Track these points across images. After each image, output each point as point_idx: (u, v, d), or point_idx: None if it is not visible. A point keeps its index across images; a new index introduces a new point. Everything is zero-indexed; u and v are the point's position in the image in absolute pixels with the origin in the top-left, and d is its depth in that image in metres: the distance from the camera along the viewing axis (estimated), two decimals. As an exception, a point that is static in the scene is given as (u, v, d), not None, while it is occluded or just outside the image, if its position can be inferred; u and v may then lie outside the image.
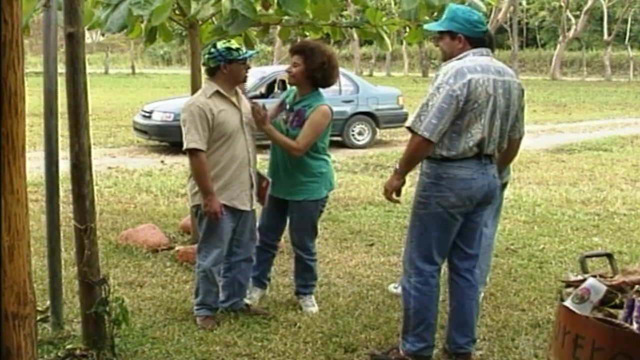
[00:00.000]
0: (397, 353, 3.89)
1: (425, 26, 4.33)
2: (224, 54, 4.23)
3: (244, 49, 4.33)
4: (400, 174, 3.76)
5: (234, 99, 4.31)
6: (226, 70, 4.25)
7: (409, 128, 3.62)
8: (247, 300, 4.65)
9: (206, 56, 4.28)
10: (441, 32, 3.82)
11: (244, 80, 4.38)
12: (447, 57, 3.79)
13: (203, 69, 4.51)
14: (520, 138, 3.98)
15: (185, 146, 4.21)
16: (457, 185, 3.66)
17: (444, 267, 3.99)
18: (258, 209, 4.60)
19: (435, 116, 3.53)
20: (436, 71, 3.90)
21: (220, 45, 4.27)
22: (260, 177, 4.45)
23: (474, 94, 3.56)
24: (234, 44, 4.32)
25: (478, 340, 4.17)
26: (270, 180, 4.42)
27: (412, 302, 3.81)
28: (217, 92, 4.26)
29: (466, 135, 3.62)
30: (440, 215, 3.70)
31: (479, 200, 3.75)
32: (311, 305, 4.67)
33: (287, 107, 4.51)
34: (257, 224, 4.62)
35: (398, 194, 3.83)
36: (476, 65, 3.63)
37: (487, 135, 3.66)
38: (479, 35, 3.76)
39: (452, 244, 3.88)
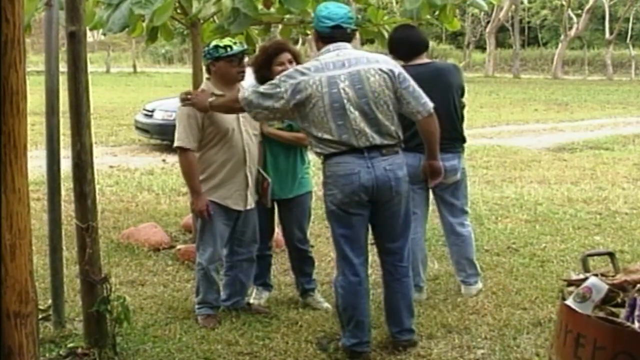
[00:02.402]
0: (337, 344, 3.98)
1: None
2: (211, 52, 4.25)
3: (232, 47, 4.24)
4: (211, 105, 4.05)
5: None
6: (214, 67, 4.27)
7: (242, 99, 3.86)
8: (252, 300, 4.66)
9: (202, 55, 4.33)
10: None
11: (239, 79, 4.33)
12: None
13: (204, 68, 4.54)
14: (428, 117, 3.86)
15: (174, 144, 4.28)
16: (339, 181, 3.75)
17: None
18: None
19: (258, 97, 3.80)
20: None
21: (212, 43, 4.30)
22: (261, 177, 4.45)
23: (301, 95, 3.71)
24: (224, 41, 4.30)
25: (479, 339, 4.18)
26: (270, 180, 4.43)
27: (339, 300, 3.93)
28: (212, 92, 4.24)
29: (320, 135, 3.74)
30: (335, 212, 3.83)
31: (370, 195, 3.77)
32: (323, 301, 4.68)
33: None
34: None
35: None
36: (312, 65, 3.77)
37: (344, 131, 3.70)
38: (325, 30, 3.83)
39: (374, 239, 4.04)
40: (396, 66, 3.88)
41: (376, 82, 3.74)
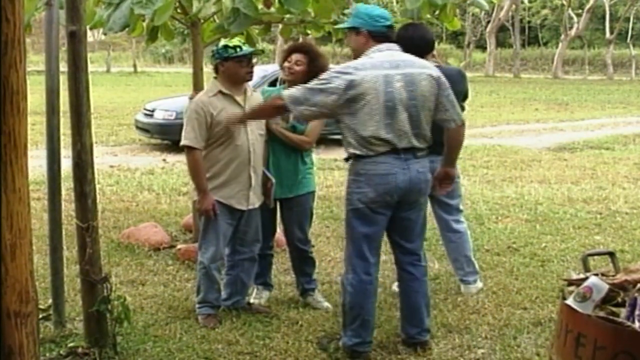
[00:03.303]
0: (337, 343, 3.97)
1: (336, 26, 4.50)
2: (220, 52, 4.26)
3: (242, 48, 4.30)
4: (246, 116, 4.09)
5: (238, 98, 4.31)
6: (223, 68, 4.28)
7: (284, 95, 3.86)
8: (252, 299, 4.66)
9: (210, 55, 4.33)
10: (348, 30, 3.94)
11: (247, 79, 4.37)
12: (355, 54, 3.88)
13: (209, 67, 4.54)
14: (461, 126, 3.95)
15: (181, 143, 4.28)
16: (375, 180, 3.74)
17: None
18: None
19: (306, 92, 3.75)
20: None
21: (221, 43, 4.31)
22: (265, 177, 4.45)
23: (355, 91, 3.66)
24: (233, 42, 4.34)
25: (480, 339, 4.18)
26: (274, 180, 4.43)
27: (347, 298, 3.90)
28: (220, 91, 4.28)
29: (365, 133, 3.71)
30: (362, 211, 3.80)
31: (401, 196, 3.79)
32: (323, 301, 4.69)
33: None
34: None
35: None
36: (367, 62, 3.74)
37: (391, 130, 3.70)
38: (382, 30, 3.84)
39: (391, 239, 4.01)
40: (440, 73, 3.91)
41: (426, 86, 3.78)
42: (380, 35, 3.83)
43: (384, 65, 3.73)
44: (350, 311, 3.90)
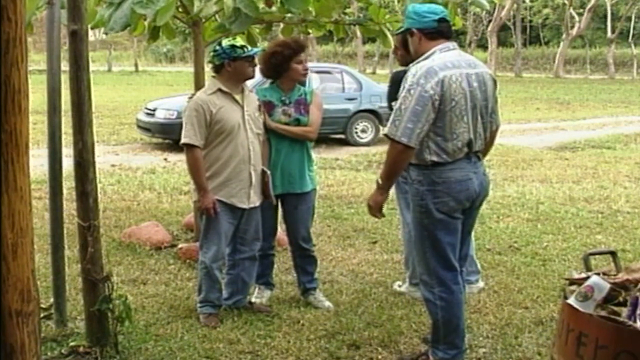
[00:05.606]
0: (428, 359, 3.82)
1: (396, 33, 4.41)
2: (228, 52, 4.27)
3: (249, 47, 4.35)
4: (384, 188, 3.59)
5: (237, 97, 4.33)
6: (230, 67, 4.29)
7: (386, 135, 3.51)
8: (254, 298, 4.67)
9: (212, 54, 4.34)
10: (406, 33, 3.72)
11: (252, 76, 4.39)
12: (413, 56, 3.66)
13: (209, 66, 4.55)
14: (497, 129, 3.86)
15: (181, 141, 4.29)
16: (454, 188, 3.54)
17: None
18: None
19: (410, 120, 3.38)
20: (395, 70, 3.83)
21: (225, 43, 4.32)
22: (262, 172, 4.44)
23: (448, 92, 3.41)
24: (238, 41, 4.36)
25: (481, 338, 4.18)
26: (269, 172, 4.43)
27: (439, 313, 3.68)
28: (219, 89, 4.29)
29: (453, 137, 3.49)
30: (443, 221, 3.57)
31: (474, 200, 3.67)
32: (325, 300, 4.70)
33: (281, 103, 4.55)
34: None
35: (381, 209, 3.68)
36: (446, 62, 3.48)
37: (474, 132, 3.56)
38: (431, 25, 3.57)
39: None
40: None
41: (490, 87, 3.64)
42: (432, 30, 3.56)
43: (462, 64, 3.51)
44: (446, 325, 3.70)
